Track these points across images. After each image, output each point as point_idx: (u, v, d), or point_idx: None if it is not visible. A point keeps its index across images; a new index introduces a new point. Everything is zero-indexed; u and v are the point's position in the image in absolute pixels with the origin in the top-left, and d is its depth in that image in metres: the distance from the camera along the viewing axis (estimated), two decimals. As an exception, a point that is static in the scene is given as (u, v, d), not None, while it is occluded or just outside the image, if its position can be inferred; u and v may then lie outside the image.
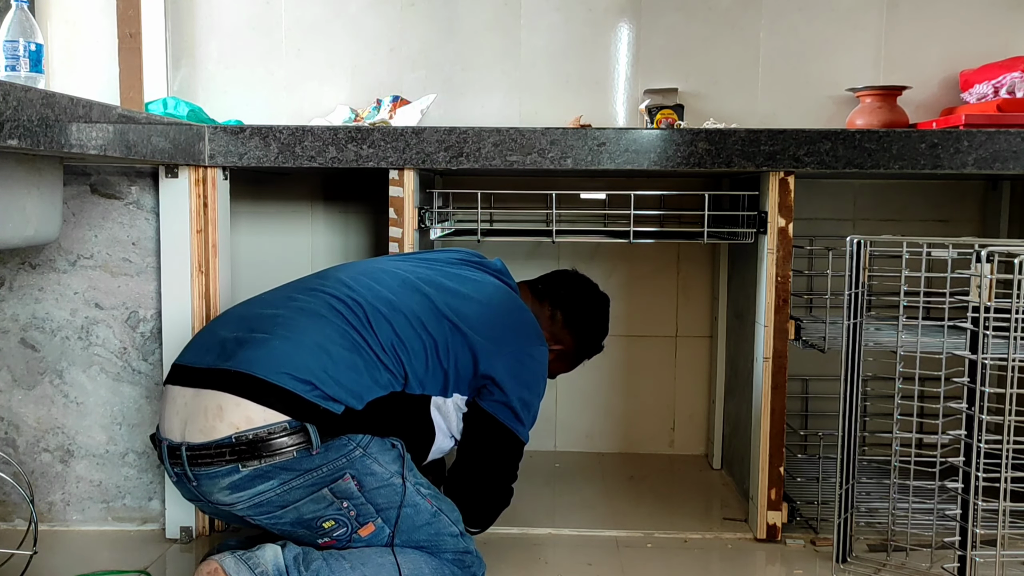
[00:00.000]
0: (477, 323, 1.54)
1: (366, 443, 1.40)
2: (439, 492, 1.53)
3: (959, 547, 1.58)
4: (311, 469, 1.36)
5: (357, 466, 1.39)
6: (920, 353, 1.68)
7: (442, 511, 1.48)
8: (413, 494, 1.44)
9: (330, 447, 1.37)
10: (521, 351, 1.58)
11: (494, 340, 1.54)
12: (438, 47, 2.35)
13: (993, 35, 2.28)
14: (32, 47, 1.70)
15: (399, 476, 1.43)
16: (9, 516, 1.90)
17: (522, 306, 1.66)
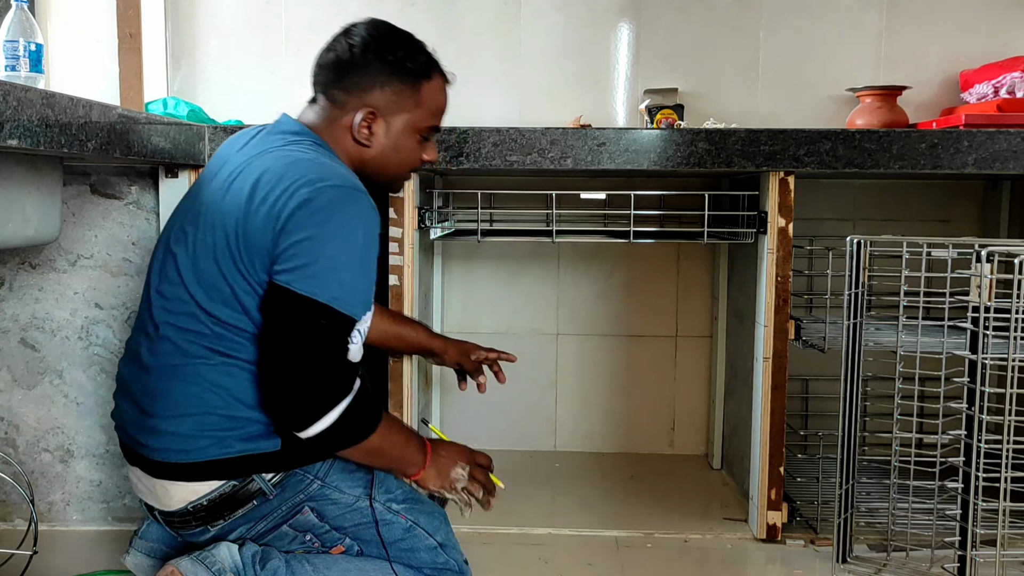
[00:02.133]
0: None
1: (324, 471, 1.34)
2: (415, 500, 1.42)
3: (959, 547, 1.58)
4: (271, 512, 1.33)
5: (316, 498, 1.33)
6: (920, 353, 1.68)
7: (418, 524, 1.39)
8: (384, 513, 1.37)
9: (286, 486, 1.32)
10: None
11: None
12: (438, 47, 2.32)
13: (993, 35, 2.28)
14: (32, 47, 1.70)
15: (366, 499, 1.36)
16: (9, 516, 1.90)
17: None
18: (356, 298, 1.25)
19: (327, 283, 1.22)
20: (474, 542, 1.84)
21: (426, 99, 1.39)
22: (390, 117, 1.37)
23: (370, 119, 1.36)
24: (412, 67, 1.38)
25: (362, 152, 1.38)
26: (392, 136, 1.38)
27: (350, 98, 1.36)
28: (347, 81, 1.36)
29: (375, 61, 1.36)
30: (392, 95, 1.36)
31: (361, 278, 1.26)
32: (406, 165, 1.43)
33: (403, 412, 1.84)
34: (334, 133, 1.38)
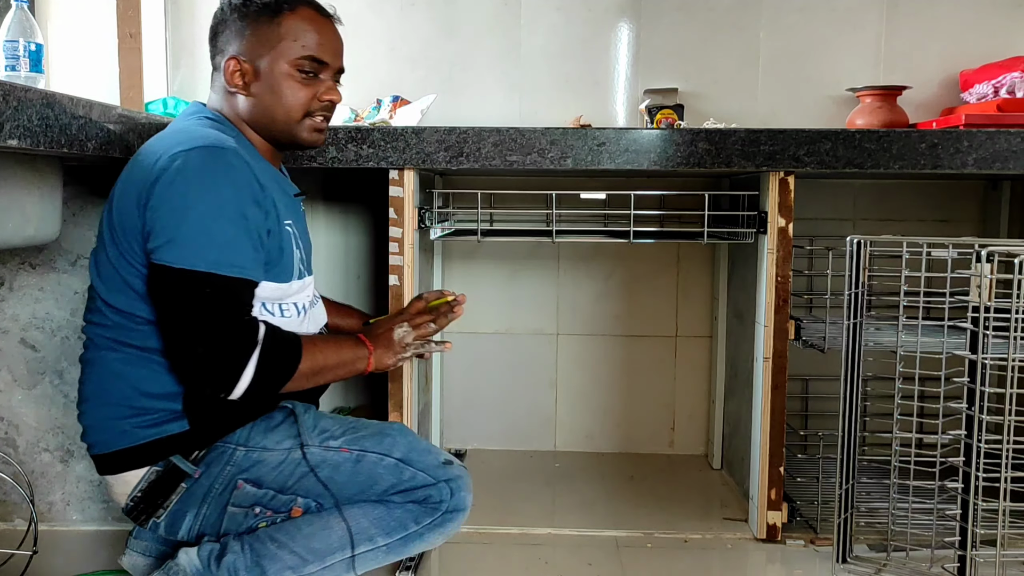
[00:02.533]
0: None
1: (246, 437, 1.30)
2: (356, 428, 1.34)
3: (959, 547, 1.58)
4: (207, 493, 1.29)
5: (245, 467, 1.29)
6: (920, 353, 1.68)
7: (366, 451, 1.30)
8: (321, 454, 1.29)
9: (210, 462, 1.29)
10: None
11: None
12: (438, 47, 2.35)
13: (993, 35, 2.28)
14: (32, 47, 1.70)
15: (298, 448, 1.30)
16: (9, 516, 1.90)
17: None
18: (241, 256, 1.20)
19: (202, 249, 1.17)
20: (474, 542, 1.84)
21: (290, 31, 1.32)
22: (256, 59, 1.32)
23: (236, 65, 1.32)
24: (267, 3, 1.32)
25: (246, 103, 1.34)
26: (264, 77, 1.32)
27: (222, 56, 1.35)
28: (219, 41, 1.36)
29: (234, 12, 1.34)
30: (252, 36, 1.32)
31: (242, 234, 1.21)
32: (294, 107, 1.33)
33: (403, 412, 1.84)
34: (224, 99, 1.36)
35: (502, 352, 2.45)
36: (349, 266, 2.40)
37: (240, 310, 1.21)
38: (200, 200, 1.18)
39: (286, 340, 1.26)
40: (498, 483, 2.20)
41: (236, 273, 1.19)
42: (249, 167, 1.24)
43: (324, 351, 1.30)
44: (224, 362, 1.19)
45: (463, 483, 1.33)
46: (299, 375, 1.26)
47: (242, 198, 1.21)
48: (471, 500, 1.34)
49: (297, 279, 1.34)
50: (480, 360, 2.45)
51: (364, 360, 1.35)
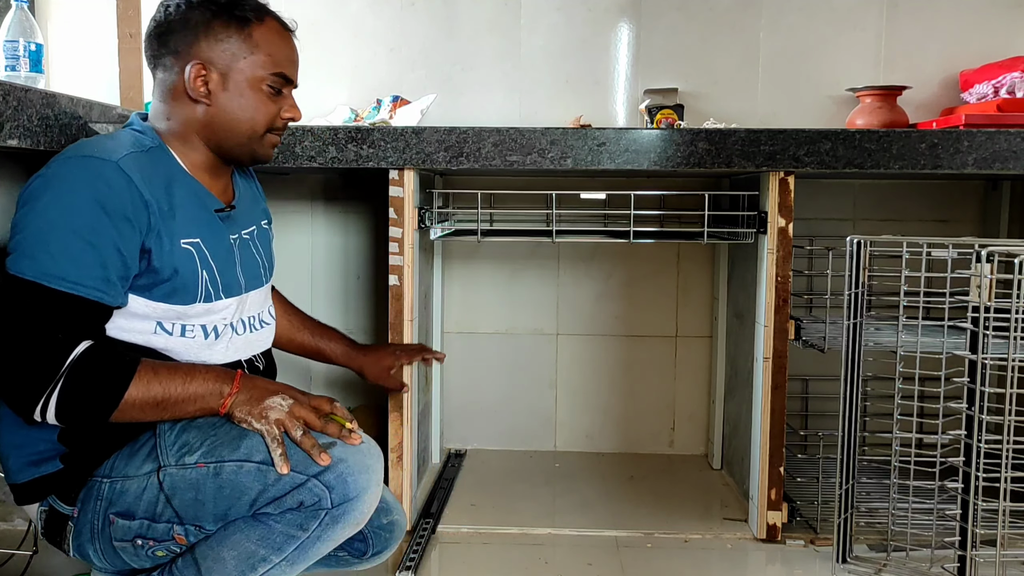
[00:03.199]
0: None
1: (110, 468, 1.21)
2: (216, 436, 1.19)
3: (959, 547, 1.58)
4: (91, 530, 1.21)
5: (113, 500, 1.20)
6: (920, 353, 1.68)
7: (224, 461, 1.16)
8: (179, 474, 1.17)
9: (84, 500, 1.21)
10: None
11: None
12: (438, 47, 2.35)
13: (993, 35, 2.28)
14: (32, 47, 1.70)
15: (155, 472, 1.18)
16: (9, 516, 1.90)
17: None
18: (81, 272, 1.11)
19: (35, 258, 1.10)
20: (474, 542, 1.84)
21: (261, 44, 1.27)
22: (224, 68, 1.26)
23: (201, 71, 1.24)
24: (238, 13, 1.26)
25: (206, 113, 1.26)
26: (232, 88, 1.26)
27: (178, 59, 1.25)
28: (172, 43, 1.25)
29: (195, 12, 1.25)
30: (220, 43, 1.25)
31: (88, 250, 1.11)
32: (259, 122, 1.29)
33: (403, 412, 1.85)
34: (174, 107, 1.27)
35: (502, 352, 2.45)
36: (349, 266, 2.40)
37: (54, 327, 1.10)
38: (50, 208, 1.11)
39: (112, 365, 1.13)
40: (498, 483, 2.20)
41: (66, 288, 1.10)
42: (130, 182, 1.15)
43: (168, 381, 1.16)
44: (25, 380, 1.09)
45: (345, 468, 1.15)
46: (129, 404, 1.13)
47: (102, 213, 1.12)
48: (368, 481, 1.16)
49: (203, 302, 1.25)
50: (480, 360, 2.45)
51: (218, 399, 1.18)
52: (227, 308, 1.30)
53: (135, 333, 1.21)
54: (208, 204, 1.29)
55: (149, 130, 1.27)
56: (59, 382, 1.09)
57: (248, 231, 1.38)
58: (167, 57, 1.26)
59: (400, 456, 1.85)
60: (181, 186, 1.24)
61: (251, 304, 1.36)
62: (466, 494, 2.12)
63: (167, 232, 1.19)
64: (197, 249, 1.24)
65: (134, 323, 1.21)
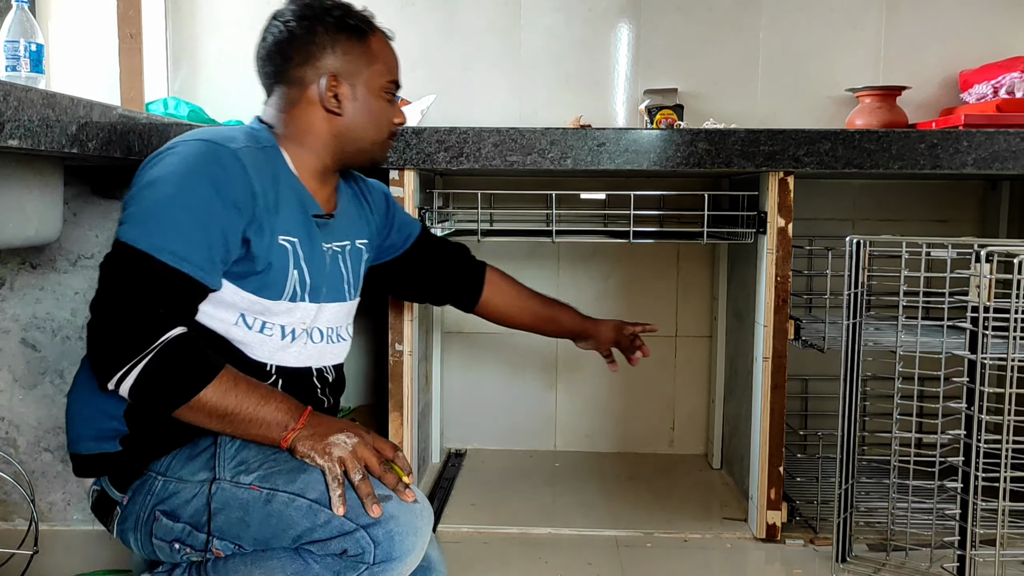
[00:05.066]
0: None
1: (166, 466, 1.21)
2: (275, 462, 1.18)
3: (958, 547, 1.59)
4: (136, 521, 1.22)
5: (163, 498, 1.20)
6: (920, 353, 1.69)
7: (277, 490, 1.15)
8: (227, 490, 1.17)
9: (135, 490, 1.22)
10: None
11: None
12: (438, 47, 2.35)
13: (993, 35, 2.28)
14: (33, 47, 1.70)
15: (208, 483, 1.18)
16: (10, 516, 1.90)
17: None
18: (189, 250, 1.13)
19: (148, 230, 1.13)
20: (474, 542, 1.84)
21: (379, 53, 1.34)
22: (352, 79, 1.31)
23: (334, 84, 1.30)
24: (354, 23, 1.32)
25: (336, 124, 1.32)
26: (360, 98, 1.32)
27: (306, 71, 1.30)
28: (296, 57, 1.29)
29: (316, 26, 1.29)
30: (345, 55, 1.30)
31: (198, 230, 1.14)
32: (383, 128, 1.36)
33: (403, 412, 1.85)
34: (297, 116, 1.31)
35: (502, 352, 2.45)
36: (349, 266, 2.40)
37: (157, 300, 1.12)
38: (167, 184, 1.15)
39: (198, 359, 1.14)
40: (498, 483, 2.21)
41: (173, 263, 1.12)
42: (245, 171, 1.19)
43: (245, 397, 1.15)
44: (115, 346, 1.10)
45: (396, 527, 1.13)
46: (200, 404, 1.13)
47: (216, 197, 1.16)
48: (414, 544, 1.14)
49: (288, 300, 1.26)
50: (480, 360, 2.45)
51: (281, 432, 1.17)
52: (307, 312, 1.30)
53: (217, 321, 1.23)
54: (308, 208, 1.31)
55: (266, 132, 1.31)
56: (146, 358, 1.10)
57: (341, 244, 1.39)
58: (293, 71, 1.30)
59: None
60: (287, 187, 1.27)
61: (330, 316, 1.37)
62: (466, 494, 2.12)
63: (269, 225, 1.22)
64: (293, 248, 1.26)
65: (219, 311, 1.22)
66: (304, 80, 1.30)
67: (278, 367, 1.28)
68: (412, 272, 1.63)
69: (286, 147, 1.31)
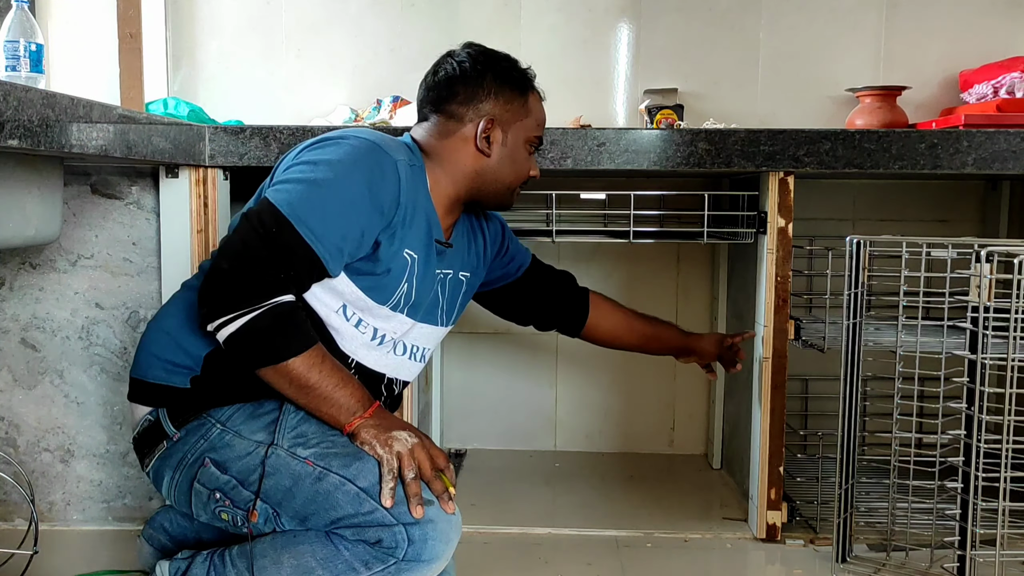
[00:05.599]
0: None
1: (228, 416, 1.26)
2: (333, 443, 1.21)
3: (959, 547, 1.59)
4: (180, 460, 1.26)
5: (216, 447, 1.24)
6: (920, 353, 1.69)
7: (330, 470, 1.18)
8: (282, 458, 1.20)
9: (190, 430, 1.26)
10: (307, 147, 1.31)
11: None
12: (438, 47, 2.33)
13: (993, 35, 2.28)
14: (32, 47, 1.70)
15: (265, 446, 1.22)
16: (9, 516, 1.90)
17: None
18: (327, 231, 1.20)
19: (298, 202, 1.20)
20: (474, 542, 1.84)
21: (533, 109, 1.44)
22: (506, 126, 1.41)
23: (489, 128, 1.39)
24: (518, 76, 1.43)
25: (481, 162, 1.40)
26: (508, 145, 1.42)
27: (467, 110, 1.39)
28: (462, 95, 1.40)
29: (487, 73, 1.40)
30: (505, 104, 1.40)
31: (341, 218, 1.21)
32: (521, 176, 1.45)
33: (403, 413, 1.85)
34: (448, 147, 1.40)
35: (502, 352, 2.45)
36: (349, 266, 2.40)
37: (282, 265, 1.18)
38: (329, 168, 1.23)
39: (300, 328, 1.20)
40: (498, 483, 2.21)
41: (308, 238, 1.19)
42: (398, 181, 1.27)
43: (328, 375, 1.21)
44: (229, 291, 1.16)
45: (432, 531, 1.16)
46: (287, 370, 1.18)
47: (368, 195, 1.23)
48: (443, 551, 1.18)
49: (391, 308, 1.33)
50: (480, 360, 2.45)
51: (349, 417, 1.22)
52: (402, 324, 1.37)
53: (321, 304, 1.29)
54: (434, 232, 1.37)
55: (417, 151, 1.40)
56: (253, 312, 1.16)
57: (446, 271, 1.45)
58: (455, 106, 1.40)
59: (400, 456, 1.85)
60: (423, 207, 1.34)
61: (419, 335, 1.43)
62: (466, 494, 2.12)
63: (400, 235, 1.29)
64: (412, 262, 1.33)
65: (327, 296, 1.29)
66: (463, 117, 1.40)
67: (358, 363, 1.35)
68: (522, 298, 1.72)
69: (430, 171, 1.39)
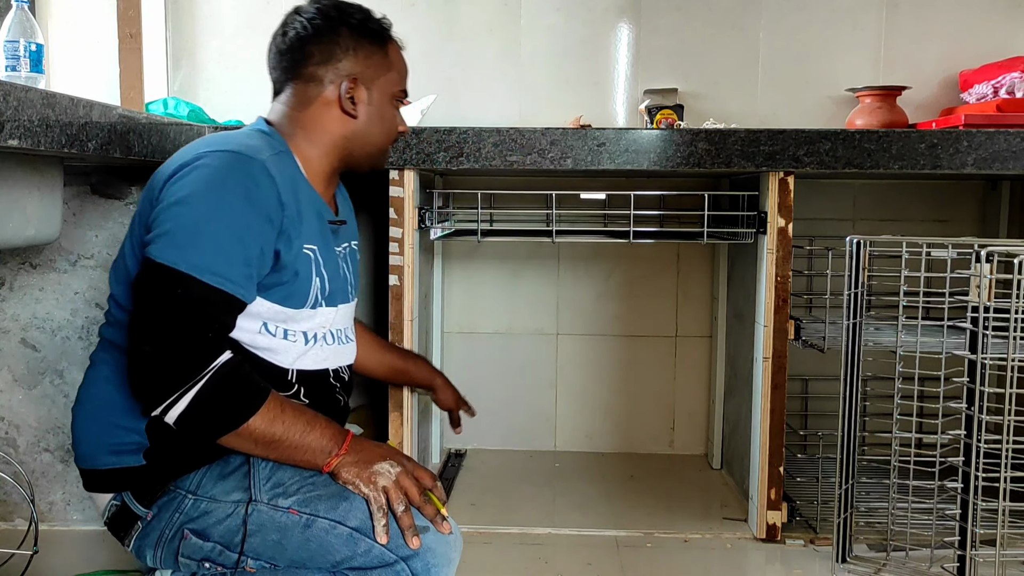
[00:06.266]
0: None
1: (196, 483, 1.19)
2: (314, 486, 1.17)
3: (959, 547, 1.59)
4: (159, 537, 1.20)
5: (193, 517, 1.18)
6: (920, 353, 1.69)
7: (317, 516, 1.14)
8: (264, 513, 1.16)
9: (162, 507, 1.20)
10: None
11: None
12: (438, 47, 2.35)
13: (993, 35, 2.28)
14: (32, 47, 1.70)
15: (244, 504, 1.16)
16: (9, 516, 1.90)
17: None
18: (229, 268, 1.12)
19: (188, 250, 1.10)
20: (474, 542, 1.84)
21: (394, 61, 1.35)
22: (369, 83, 1.31)
23: (352, 87, 1.29)
24: (375, 28, 1.33)
25: (349, 126, 1.31)
26: (375, 103, 1.33)
27: (326, 71, 1.29)
28: (317, 55, 1.29)
29: (341, 27, 1.29)
30: (365, 59, 1.30)
31: (236, 247, 1.12)
32: (390, 134, 1.37)
33: (403, 412, 1.85)
34: (311, 116, 1.30)
35: (502, 352, 2.45)
36: (349, 266, 2.40)
37: (206, 324, 1.10)
38: (203, 201, 1.12)
39: (250, 385, 1.13)
40: (498, 483, 2.20)
41: (216, 283, 1.10)
42: (274, 183, 1.17)
43: (292, 424, 1.14)
44: (164, 373, 1.08)
45: (433, 559, 1.15)
46: (248, 432, 1.11)
47: (251, 211, 1.14)
48: (448, 574, 1.18)
49: (310, 308, 1.26)
50: (480, 360, 2.45)
51: (325, 458, 1.16)
52: (327, 316, 1.30)
53: (242, 331, 1.20)
54: (324, 214, 1.31)
55: (276, 135, 1.29)
56: (197, 386, 1.08)
57: (343, 247, 1.39)
58: (311, 68, 1.29)
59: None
60: (305, 194, 1.26)
61: (341, 318, 1.36)
62: (466, 494, 2.12)
63: (295, 235, 1.21)
64: (315, 256, 1.26)
65: (243, 321, 1.20)
66: (322, 79, 1.29)
67: (299, 371, 1.28)
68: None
69: (297, 149, 1.29)
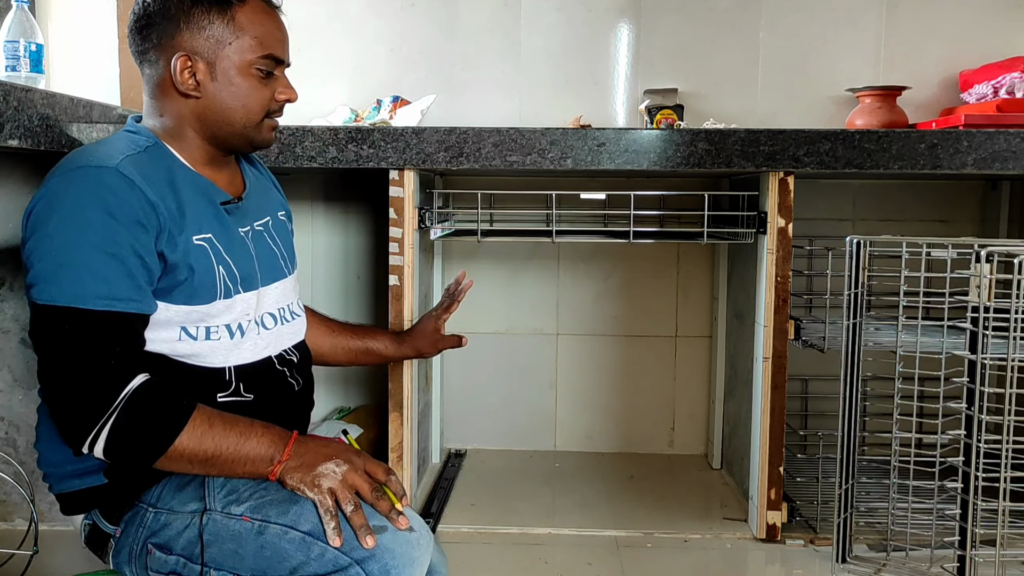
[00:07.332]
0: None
1: (157, 496, 1.17)
2: (266, 491, 1.14)
3: (959, 547, 1.59)
4: (129, 554, 1.18)
5: (154, 529, 1.15)
6: (920, 353, 1.69)
7: (269, 521, 1.11)
8: (219, 522, 1.13)
9: (128, 522, 1.17)
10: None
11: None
12: (438, 47, 2.35)
13: (993, 35, 2.28)
14: (32, 47, 1.71)
15: (199, 514, 1.14)
16: (9, 516, 1.90)
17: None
18: (112, 286, 1.07)
19: (62, 282, 1.05)
20: (474, 542, 1.84)
21: (246, 26, 1.20)
22: (210, 57, 1.19)
23: (187, 63, 1.18)
24: None
25: (197, 106, 1.20)
26: (221, 78, 1.20)
27: (161, 52, 1.18)
28: (155, 36, 1.18)
29: (173, 0, 1.18)
30: (203, 31, 1.18)
31: (111, 262, 1.07)
32: (253, 109, 1.23)
33: (403, 412, 1.85)
34: (163, 103, 1.21)
35: (502, 352, 2.45)
36: (349, 266, 2.40)
37: (103, 352, 1.06)
38: (61, 228, 1.06)
39: (168, 405, 1.09)
40: (498, 483, 2.21)
41: (103, 306, 1.05)
42: (133, 185, 1.09)
43: (223, 437, 1.11)
44: (77, 413, 1.05)
45: (391, 559, 1.08)
46: (178, 453, 1.08)
47: (114, 222, 1.07)
48: (411, 574, 1.11)
49: (222, 298, 1.19)
50: (480, 360, 2.45)
51: (268, 466, 1.12)
52: (247, 303, 1.23)
53: (160, 343, 1.16)
54: (214, 198, 1.22)
55: (144, 129, 1.21)
56: (112, 417, 1.05)
57: (261, 222, 1.31)
58: (151, 51, 1.20)
59: (400, 456, 1.85)
60: (185, 182, 1.19)
61: (275, 297, 1.30)
62: (466, 494, 2.12)
63: (178, 231, 1.14)
64: (211, 245, 1.19)
65: (159, 332, 1.15)
66: (158, 60, 1.19)
67: (235, 367, 1.22)
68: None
69: (169, 138, 1.22)
